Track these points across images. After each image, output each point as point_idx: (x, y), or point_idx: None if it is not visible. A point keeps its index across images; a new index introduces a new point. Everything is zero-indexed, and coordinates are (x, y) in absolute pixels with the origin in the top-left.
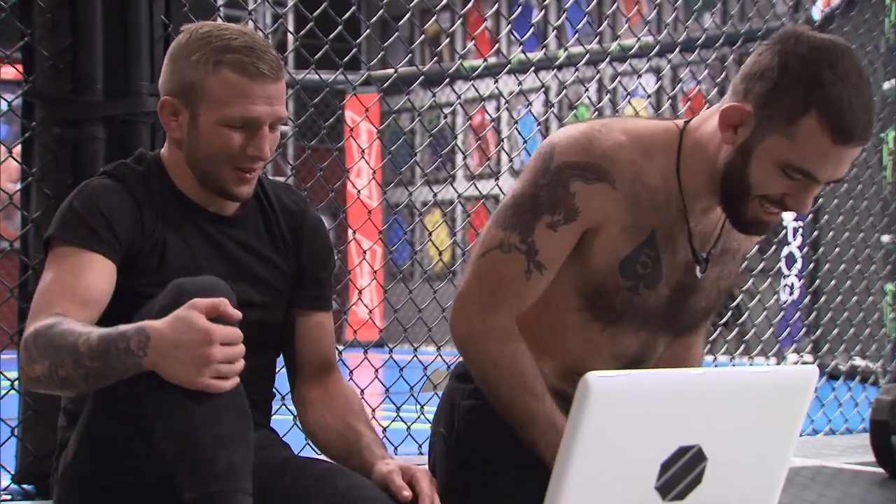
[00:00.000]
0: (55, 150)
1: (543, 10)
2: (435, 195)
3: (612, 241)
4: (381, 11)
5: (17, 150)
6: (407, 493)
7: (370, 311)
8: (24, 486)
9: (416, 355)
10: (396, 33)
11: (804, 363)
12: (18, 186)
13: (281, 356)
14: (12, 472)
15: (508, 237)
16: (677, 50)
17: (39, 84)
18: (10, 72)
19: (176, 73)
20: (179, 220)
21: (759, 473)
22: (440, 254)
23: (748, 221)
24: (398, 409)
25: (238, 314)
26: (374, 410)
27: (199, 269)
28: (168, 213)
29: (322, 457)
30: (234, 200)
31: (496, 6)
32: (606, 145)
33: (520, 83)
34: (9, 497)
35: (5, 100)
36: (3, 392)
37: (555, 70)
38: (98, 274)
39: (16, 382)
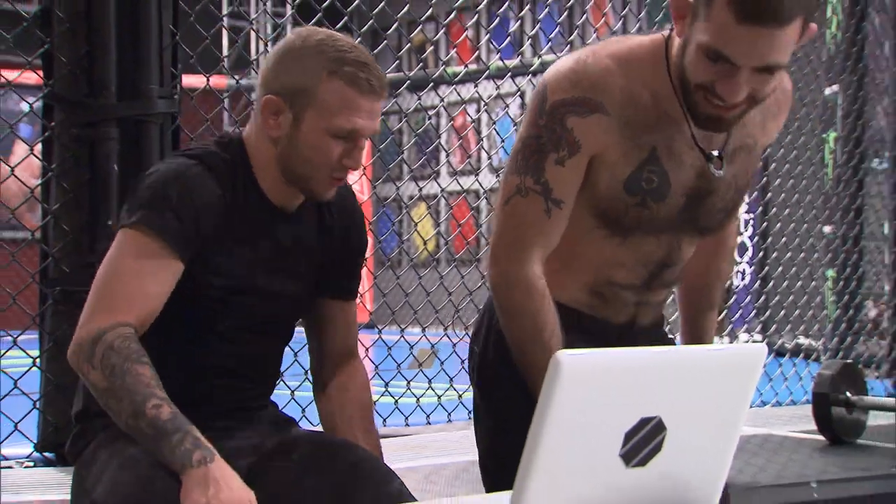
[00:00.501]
0: (73, 148)
1: (519, 21)
2: (420, 190)
3: (614, 166)
4: (370, 22)
5: (38, 148)
6: None
7: (361, 296)
8: (45, 454)
9: (402, 336)
10: (385, 42)
11: (754, 342)
12: (39, 181)
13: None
14: (34, 442)
15: (524, 181)
16: None
17: (58, 88)
18: (31, 77)
19: (285, 74)
20: (250, 214)
21: (713, 442)
22: (425, 243)
23: (703, 116)
24: (387, 384)
25: None
26: None
27: (252, 262)
28: (243, 205)
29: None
30: (319, 201)
31: (476, 18)
32: (595, 76)
33: (498, 88)
34: (31, 464)
35: (27, 102)
36: (25, 369)
37: (529, 76)
38: (166, 277)
39: (37, 360)
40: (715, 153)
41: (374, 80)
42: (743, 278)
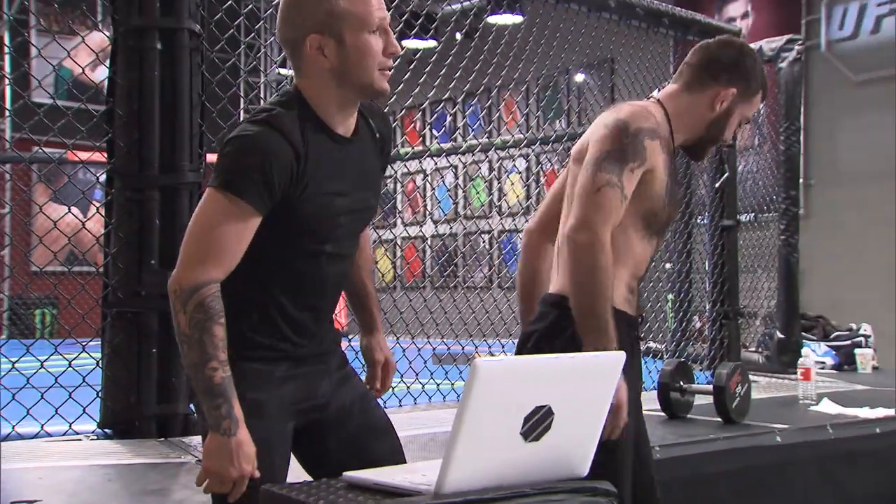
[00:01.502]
0: (127, 207)
1: (453, 115)
2: (379, 237)
3: (661, 176)
4: None
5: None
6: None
7: (337, 313)
8: (106, 430)
9: None
10: None
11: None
12: (104, 232)
13: None
14: (97, 421)
15: (611, 178)
16: (538, 143)
17: (117, 165)
18: (99, 157)
19: (309, 16)
20: (320, 147)
21: (587, 421)
22: (383, 276)
23: (699, 154)
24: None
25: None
26: None
27: (334, 183)
28: (316, 145)
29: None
30: (382, 97)
31: (422, 113)
32: (655, 116)
33: (436, 164)
34: (95, 437)
35: (94, 175)
36: (92, 368)
37: (460, 155)
38: (247, 234)
39: (100, 362)
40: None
41: None
42: None
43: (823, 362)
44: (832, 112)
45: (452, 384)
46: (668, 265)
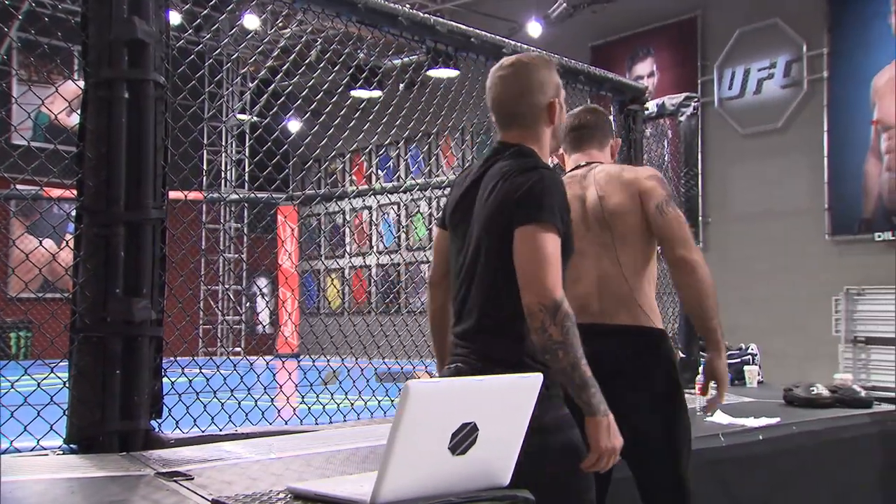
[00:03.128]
0: (95, 241)
1: (397, 157)
2: (325, 266)
3: None
4: (298, 156)
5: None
6: None
7: (287, 337)
8: (71, 445)
9: (313, 363)
10: (311, 171)
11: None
12: (73, 263)
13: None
14: (63, 437)
15: (676, 209)
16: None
17: (86, 202)
18: (67, 194)
19: (547, 85)
20: None
21: (508, 436)
22: (330, 302)
23: None
24: (303, 397)
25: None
26: (287, 397)
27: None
28: None
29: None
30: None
31: (368, 152)
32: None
33: (379, 201)
34: (61, 452)
35: (65, 211)
36: (59, 388)
37: (402, 193)
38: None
39: (67, 382)
40: None
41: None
42: None
43: None
44: (724, 160)
45: (392, 401)
46: None
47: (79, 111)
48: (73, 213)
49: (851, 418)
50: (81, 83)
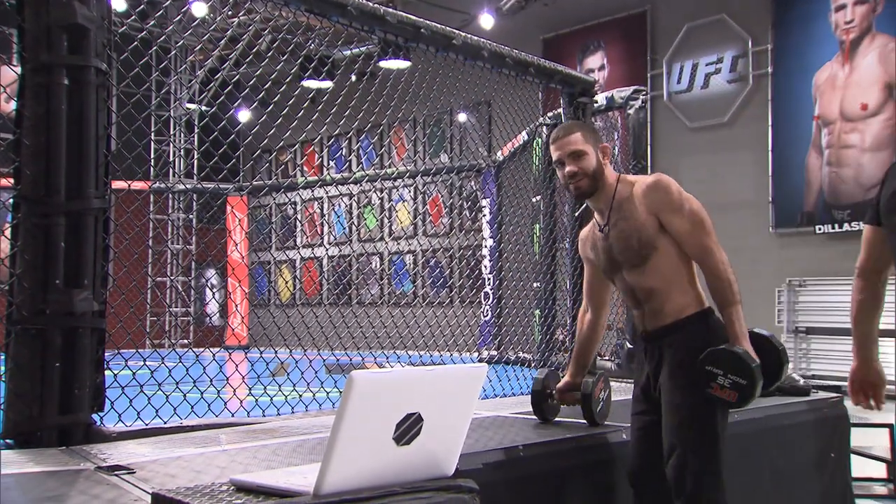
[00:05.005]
0: (33, 231)
1: (348, 147)
2: (274, 257)
3: None
4: (259, 147)
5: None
6: None
7: (233, 328)
8: (7, 440)
9: (261, 355)
10: (260, 161)
11: (491, 356)
12: (8, 254)
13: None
14: None
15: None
16: (421, 173)
17: (24, 191)
18: (4, 182)
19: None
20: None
21: (453, 426)
22: (279, 294)
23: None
24: (250, 389)
25: None
26: (235, 389)
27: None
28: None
29: None
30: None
31: (319, 142)
32: None
33: (329, 192)
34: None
35: (2, 201)
36: None
37: (353, 183)
38: None
39: (2, 376)
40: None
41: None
42: (486, 315)
43: None
44: (673, 152)
45: (340, 392)
46: (535, 284)
47: (15, 98)
48: (10, 202)
49: (790, 405)
50: (18, 69)
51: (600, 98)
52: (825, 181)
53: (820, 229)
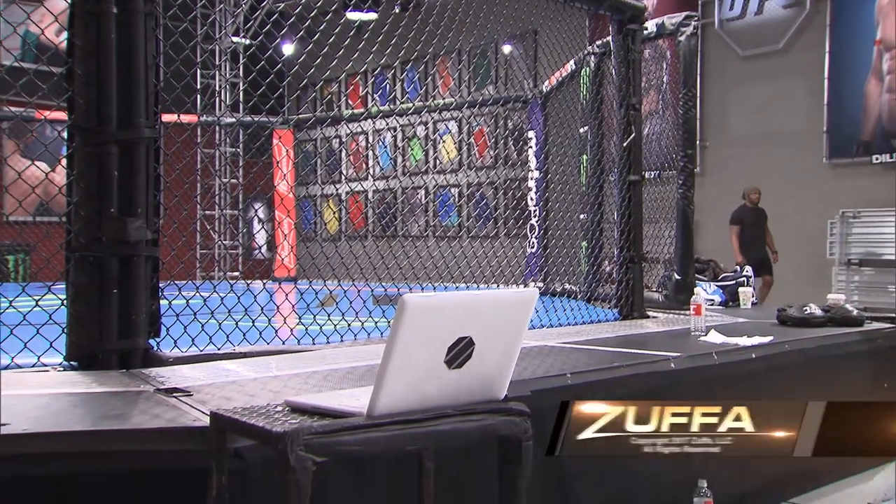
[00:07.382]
0: (87, 160)
1: (392, 79)
2: (322, 191)
3: None
4: (305, 80)
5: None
6: None
7: (282, 259)
8: (71, 362)
9: (311, 286)
10: (306, 94)
11: (536, 287)
12: (66, 182)
13: None
14: (63, 354)
15: None
16: (466, 105)
17: (78, 121)
18: (59, 115)
19: None
20: None
21: (505, 351)
22: (327, 226)
23: None
24: (300, 318)
25: None
26: (285, 318)
27: None
28: None
29: None
30: None
31: (364, 75)
32: None
33: (376, 125)
34: (61, 369)
35: (57, 131)
36: (57, 307)
37: (397, 116)
38: None
39: (64, 301)
40: None
41: None
42: (533, 248)
43: (713, 300)
44: (723, 82)
45: (389, 322)
46: (582, 216)
47: (66, 28)
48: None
49: (842, 336)
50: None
51: (650, 25)
52: (885, 109)
53: (877, 159)
